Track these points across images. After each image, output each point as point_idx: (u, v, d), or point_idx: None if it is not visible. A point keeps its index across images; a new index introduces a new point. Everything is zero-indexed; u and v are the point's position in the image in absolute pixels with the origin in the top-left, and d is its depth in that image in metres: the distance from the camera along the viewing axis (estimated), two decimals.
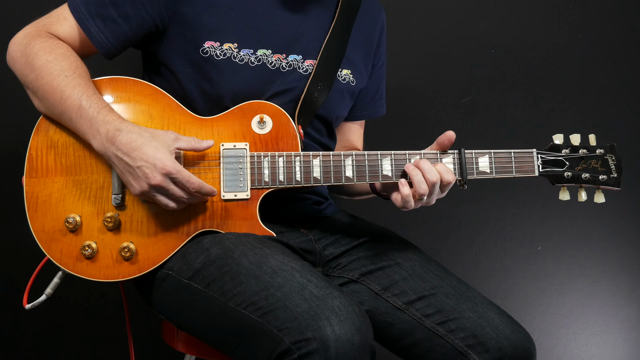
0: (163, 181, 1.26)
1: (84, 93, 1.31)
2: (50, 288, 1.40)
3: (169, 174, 1.26)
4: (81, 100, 1.31)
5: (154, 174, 1.25)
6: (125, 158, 1.27)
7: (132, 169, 1.27)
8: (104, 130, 1.28)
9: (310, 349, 1.09)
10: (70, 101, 1.31)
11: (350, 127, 1.74)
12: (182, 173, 1.27)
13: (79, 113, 1.30)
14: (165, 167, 1.25)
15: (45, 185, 1.35)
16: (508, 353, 1.32)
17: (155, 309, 1.43)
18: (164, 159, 1.26)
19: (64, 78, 1.32)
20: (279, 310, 1.15)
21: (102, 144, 1.29)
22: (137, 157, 1.26)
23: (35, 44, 1.36)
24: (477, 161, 1.40)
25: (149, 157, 1.26)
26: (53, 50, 1.36)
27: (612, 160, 1.41)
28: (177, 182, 1.28)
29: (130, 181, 1.29)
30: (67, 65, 1.34)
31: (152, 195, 1.29)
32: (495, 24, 2.33)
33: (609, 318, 2.47)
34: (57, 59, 1.34)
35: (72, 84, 1.32)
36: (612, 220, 2.43)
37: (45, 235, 1.34)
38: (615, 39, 2.39)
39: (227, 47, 1.42)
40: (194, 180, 1.29)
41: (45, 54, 1.34)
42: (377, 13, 1.68)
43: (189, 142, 1.32)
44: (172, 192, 1.28)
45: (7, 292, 2.04)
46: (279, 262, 1.24)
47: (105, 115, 1.30)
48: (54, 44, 1.37)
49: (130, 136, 1.27)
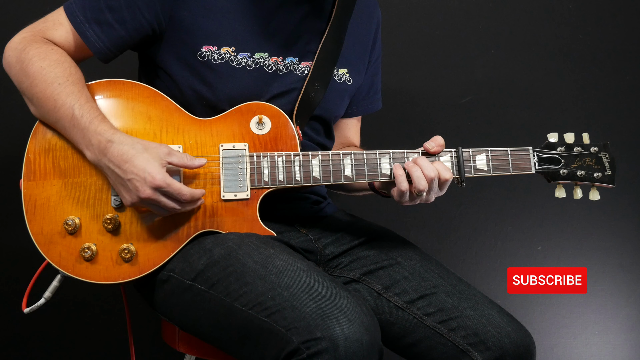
0: (153, 194, 1.26)
1: (76, 101, 1.31)
2: (49, 292, 1.39)
3: (159, 188, 1.26)
4: (74, 109, 1.30)
5: (143, 187, 1.25)
6: (117, 170, 1.27)
7: (123, 181, 1.27)
8: (96, 142, 1.28)
9: (319, 349, 1.09)
10: (63, 110, 1.31)
11: (347, 124, 1.75)
12: (172, 186, 1.27)
13: (72, 123, 1.30)
14: (155, 181, 1.25)
15: (44, 188, 1.35)
16: (509, 351, 1.33)
17: (158, 311, 1.43)
18: (153, 173, 1.25)
19: (57, 86, 1.32)
20: (286, 310, 1.15)
21: (94, 154, 1.29)
22: (127, 170, 1.26)
23: (30, 50, 1.35)
24: (474, 159, 1.42)
25: (139, 170, 1.25)
26: (47, 57, 1.35)
27: (606, 158, 1.43)
28: (168, 194, 1.28)
29: (122, 192, 1.29)
30: (60, 72, 1.34)
31: (144, 205, 1.30)
32: (495, 24, 2.33)
33: (609, 318, 2.47)
34: (51, 66, 1.34)
35: (66, 92, 1.31)
36: (612, 220, 2.43)
37: (44, 238, 1.34)
38: (615, 39, 2.39)
39: (225, 51, 1.42)
40: (185, 192, 1.29)
41: (39, 60, 1.34)
42: (372, 10, 1.68)
43: (181, 158, 1.31)
44: (163, 204, 1.29)
45: (7, 295, 2.04)
46: (285, 262, 1.24)
47: (97, 126, 1.29)
48: (48, 49, 1.37)
49: (122, 148, 1.27)
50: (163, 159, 1.29)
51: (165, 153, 1.29)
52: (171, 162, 1.30)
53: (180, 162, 1.31)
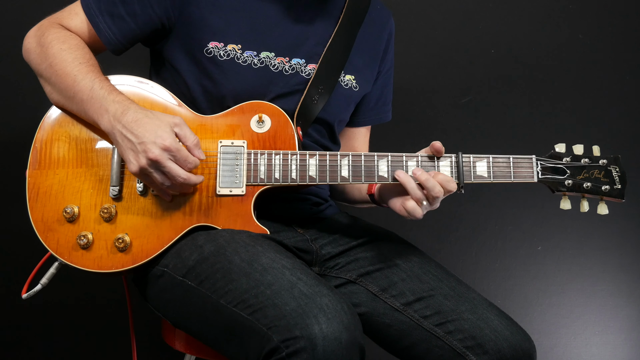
0: (161, 155, 1.27)
1: (96, 77, 1.37)
2: (45, 278, 1.42)
3: (168, 150, 1.28)
4: (94, 83, 1.36)
5: (153, 148, 1.27)
6: (129, 135, 1.29)
7: (133, 145, 1.29)
8: (113, 109, 1.32)
9: (297, 347, 1.09)
10: (83, 84, 1.36)
11: (354, 133, 1.74)
12: (180, 152, 1.29)
13: (91, 94, 1.35)
14: (165, 143, 1.27)
15: (47, 177, 1.39)
16: (507, 355, 1.32)
17: (152, 305, 1.44)
18: (164, 136, 1.28)
19: (78, 64, 1.38)
20: (268, 309, 1.15)
21: (109, 121, 1.32)
22: (139, 134, 1.28)
23: (50, 34, 1.41)
24: (474, 165, 1.40)
25: (151, 133, 1.28)
26: (67, 41, 1.41)
27: (617, 171, 1.39)
28: (176, 159, 1.29)
29: (130, 158, 1.30)
30: (80, 55, 1.40)
31: (149, 173, 1.30)
32: (495, 24, 2.34)
33: (609, 318, 2.47)
34: (71, 48, 1.40)
35: (85, 70, 1.37)
36: (612, 220, 2.42)
37: (43, 225, 1.37)
38: (615, 39, 2.39)
39: (231, 48, 1.44)
40: (191, 160, 1.30)
41: (59, 43, 1.40)
42: (385, 20, 1.69)
43: (185, 134, 1.31)
44: (168, 169, 1.29)
45: (9, 288, 2.05)
46: (270, 259, 1.24)
47: (116, 96, 1.34)
48: (67, 34, 1.43)
49: (137, 115, 1.31)
50: (174, 127, 1.31)
51: (174, 123, 1.31)
52: (177, 132, 1.31)
53: (183, 136, 1.31)
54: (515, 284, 2.42)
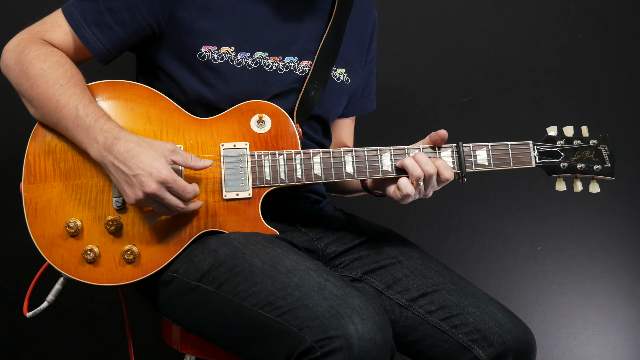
0: (158, 189, 1.25)
1: (80, 102, 1.30)
2: (51, 295, 1.39)
3: (165, 183, 1.25)
4: (77, 109, 1.29)
5: (149, 182, 1.24)
6: (122, 167, 1.26)
7: (128, 177, 1.26)
8: (102, 139, 1.27)
9: (333, 347, 1.10)
10: (66, 110, 1.30)
11: (340, 124, 1.75)
12: (178, 183, 1.26)
13: (76, 122, 1.29)
14: (161, 176, 1.24)
15: (45, 191, 1.34)
16: (511, 346, 1.34)
17: (161, 312, 1.42)
18: (160, 168, 1.25)
19: (59, 87, 1.31)
20: (298, 310, 1.15)
21: (99, 152, 1.28)
22: (133, 166, 1.25)
23: (30, 52, 1.34)
24: (475, 154, 1.42)
25: (146, 165, 1.25)
26: (48, 58, 1.34)
27: (605, 150, 1.44)
28: (173, 191, 1.27)
29: (125, 190, 1.28)
30: (62, 74, 1.33)
31: (146, 203, 1.29)
32: (495, 24, 2.34)
33: (609, 318, 2.47)
34: (52, 67, 1.33)
35: (68, 93, 1.31)
36: (612, 220, 2.43)
37: (45, 241, 1.33)
38: (615, 39, 2.39)
39: (225, 50, 1.42)
40: (190, 190, 1.28)
41: (39, 62, 1.33)
42: (369, 11, 1.69)
43: (185, 158, 1.30)
44: (167, 201, 1.27)
45: (8, 297, 2.04)
46: (294, 261, 1.24)
47: (103, 124, 1.29)
48: (48, 51, 1.36)
49: (128, 145, 1.26)
50: (168, 157, 1.28)
51: (170, 150, 1.29)
52: (175, 160, 1.29)
53: (184, 161, 1.30)
54: (515, 284, 2.42)
